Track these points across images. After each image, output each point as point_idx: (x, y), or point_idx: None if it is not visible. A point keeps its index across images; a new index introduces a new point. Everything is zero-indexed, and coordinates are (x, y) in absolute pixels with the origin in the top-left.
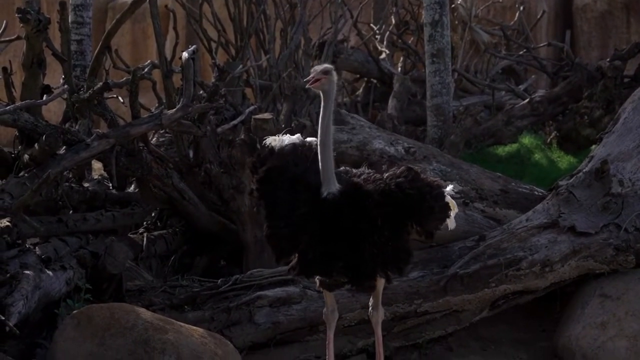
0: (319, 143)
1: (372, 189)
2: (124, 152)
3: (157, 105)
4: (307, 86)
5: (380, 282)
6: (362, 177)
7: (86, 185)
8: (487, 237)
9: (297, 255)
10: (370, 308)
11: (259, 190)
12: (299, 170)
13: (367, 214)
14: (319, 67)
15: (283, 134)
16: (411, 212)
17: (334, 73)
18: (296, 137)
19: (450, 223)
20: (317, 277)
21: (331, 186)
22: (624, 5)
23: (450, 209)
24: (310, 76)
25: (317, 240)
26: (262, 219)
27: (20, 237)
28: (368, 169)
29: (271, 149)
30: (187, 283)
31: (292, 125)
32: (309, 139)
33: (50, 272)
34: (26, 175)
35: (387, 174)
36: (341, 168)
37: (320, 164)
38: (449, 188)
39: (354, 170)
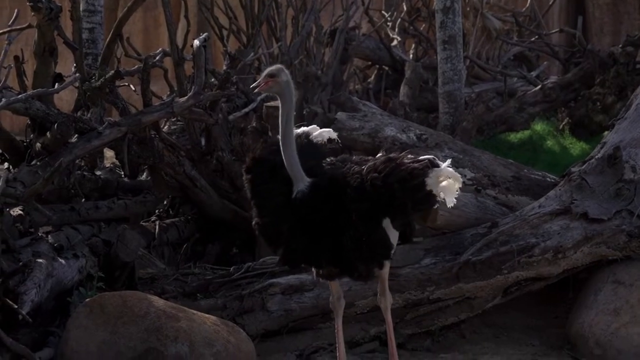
0: (281, 144)
1: (347, 184)
2: (136, 140)
3: (168, 93)
4: (255, 91)
5: (386, 267)
6: (343, 169)
7: (98, 173)
8: (500, 223)
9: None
10: (378, 294)
11: (246, 179)
12: (281, 160)
13: (341, 209)
14: (266, 70)
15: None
16: (384, 208)
17: (283, 74)
18: (309, 128)
19: (448, 201)
20: (308, 267)
21: (299, 184)
22: None
23: (436, 196)
24: (257, 82)
25: (295, 232)
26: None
27: (33, 226)
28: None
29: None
30: (199, 271)
31: (304, 112)
32: (307, 128)
33: (62, 261)
34: (38, 163)
35: (365, 167)
36: (341, 156)
37: (286, 164)
38: (444, 165)
39: (353, 158)
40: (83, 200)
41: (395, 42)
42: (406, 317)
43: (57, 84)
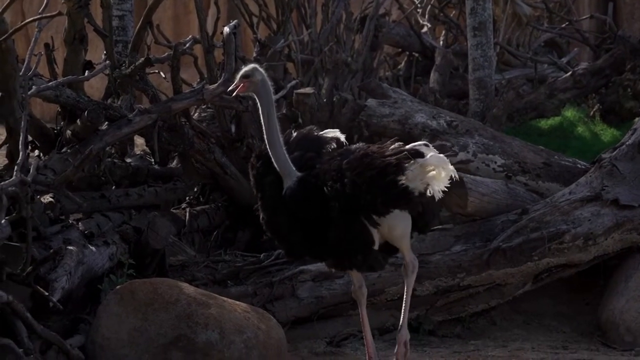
0: (266, 142)
1: (326, 180)
2: (166, 127)
3: (198, 80)
4: (232, 95)
5: (403, 241)
6: (327, 165)
7: (129, 160)
8: (530, 210)
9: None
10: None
11: (251, 175)
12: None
13: (324, 204)
14: (240, 72)
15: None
16: (357, 206)
17: (257, 72)
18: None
19: (436, 191)
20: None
21: (287, 180)
22: None
23: (410, 193)
24: (233, 85)
25: (290, 227)
26: None
27: (64, 213)
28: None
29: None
30: (229, 258)
31: (334, 99)
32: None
33: (93, 248)
34: (69, 151)
35: (344, 161)
36: (356, 145)
37: (273, 161)
38: (430, 154)
39: (353, 147)
40: (113, 187)
41: (425, 29)
42: (437, 303)
43: (87, 71)
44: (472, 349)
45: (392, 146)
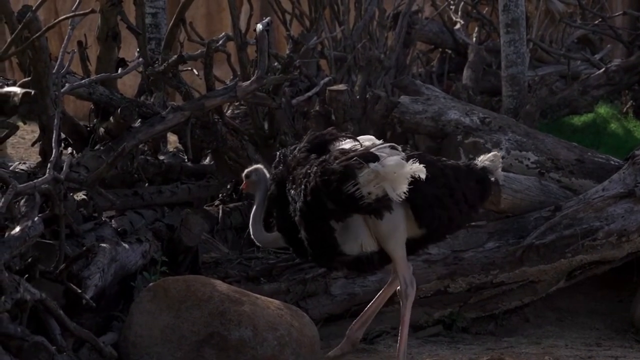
0: (251, 216)
1: (294, 185)
2: (199, 125)
3: (231, 77)
4: (242, 193)
5: (389, 244)
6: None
7: (161, 157)
8: (563, 207)
9: None
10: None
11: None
12: None
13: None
14: (244, 172)
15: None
16: (315, 210)
17: (254, 174)
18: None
19: (395, 195)
20: None
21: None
22: None
23: (362, 198)
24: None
25: (282, 229)
26: None
27: (97, 210)
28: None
29: None
30: (262, 255)
31: (367, 96)
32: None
33: (126, 245)
34: (102, 148)
35: (309, 171)
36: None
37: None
38: (382, 160)
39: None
40: (146, 184)
41: (458, 26)
42: (470, 300)
43: (120, 68)
44: (505, 346)
45: (355, 149)
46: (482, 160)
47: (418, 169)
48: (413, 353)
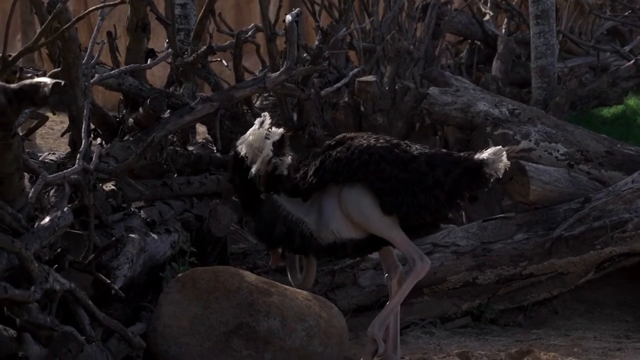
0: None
1: None
2: (228, 115)
3: (260, 68)
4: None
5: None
6: None
7: (190, 148)
8: (593, 199)
9: None
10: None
11: None
12: None
13: None
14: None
15: None
16: None
17: None
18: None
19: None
20: None
21: None
22: None
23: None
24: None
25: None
26: None
27: (126, 201)
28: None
29: None
30: None
31: (396, 87)
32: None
33: (155, 236)
34: (131, 139)
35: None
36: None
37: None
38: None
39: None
40: (175, 175)
41: (487, 17)
42: (499, 292)
43: (149, 59)
44: (534, 338)
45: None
46: (484, 152)
47: (273, 132)
48: (442, 344)
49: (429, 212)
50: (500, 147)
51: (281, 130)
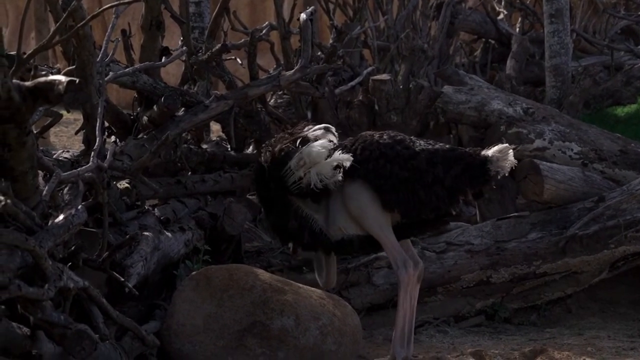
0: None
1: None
2: (242, 114)
3: (275, 66)
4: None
5: (365, 224)
6: None
7: (205, 146)
8: (607, 198)
9: None
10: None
11: None
12: None
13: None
14: None
15: None
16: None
17: None
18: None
19: (313, 180)
20: None
21: None
22: None
23: (297, 182)
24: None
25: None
26: None
27: (139, 199)
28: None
29: None
30: None
31: (410, 86)
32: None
33: (169, 234)
34: (145, 137)
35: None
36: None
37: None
38: (308, 146)
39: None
40: (189, 173)
41: (501, 16)
42: (512, 291)
43: (164, 57)
44: (548, 337)
45: (302, 132)
46: (490, 149)
47: (343, 158)
48: (456, 343)
49: (430, 209)
50: (507, 144)
51: (348, 156)
